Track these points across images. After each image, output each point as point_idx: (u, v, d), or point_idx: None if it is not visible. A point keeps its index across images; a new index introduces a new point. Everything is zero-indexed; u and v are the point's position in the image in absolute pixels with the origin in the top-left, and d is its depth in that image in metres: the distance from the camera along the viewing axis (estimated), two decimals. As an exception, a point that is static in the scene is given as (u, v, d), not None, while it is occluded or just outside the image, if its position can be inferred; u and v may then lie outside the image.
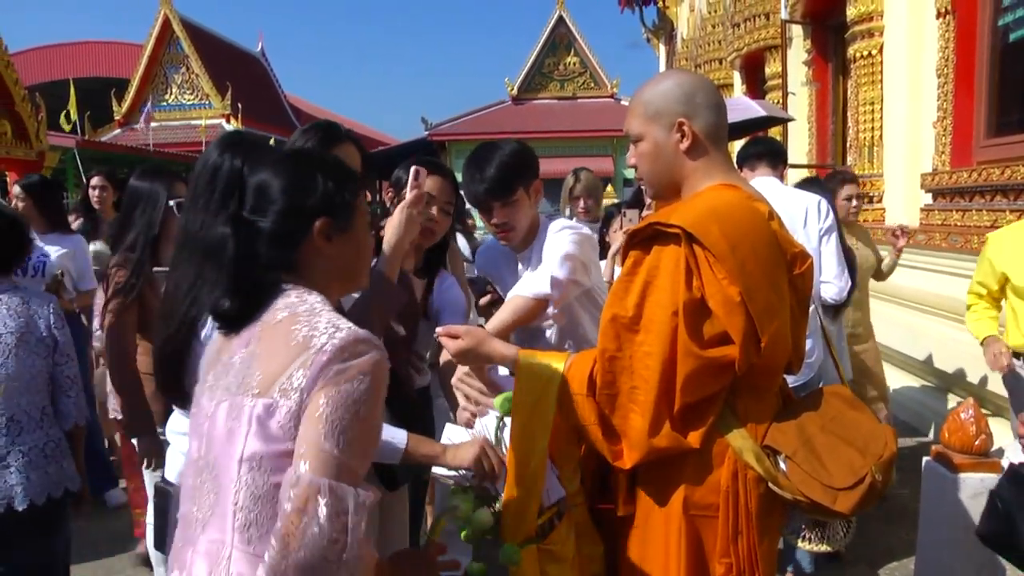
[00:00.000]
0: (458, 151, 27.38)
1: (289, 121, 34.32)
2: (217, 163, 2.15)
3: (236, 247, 1.57)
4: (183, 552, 1.54)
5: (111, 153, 19.65)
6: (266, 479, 1.43)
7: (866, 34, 7.66)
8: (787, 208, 3.69)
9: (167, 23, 29.85)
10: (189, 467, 1.59)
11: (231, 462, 1.46)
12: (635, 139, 2.05)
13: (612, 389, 1.89)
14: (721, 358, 1.82)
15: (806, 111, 9.93)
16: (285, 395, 1.42)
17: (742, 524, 1.89)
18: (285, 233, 1.59)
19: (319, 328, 1.47)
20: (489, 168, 2.63)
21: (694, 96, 1.99)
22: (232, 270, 1.58)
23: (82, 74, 27.09)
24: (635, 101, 2.05)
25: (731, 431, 1.90)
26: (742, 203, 1.94)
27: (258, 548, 1.41)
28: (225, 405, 1.50)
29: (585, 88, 30.08)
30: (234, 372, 1.52)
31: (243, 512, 1.43)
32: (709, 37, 13.24)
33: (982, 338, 3.92)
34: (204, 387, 1.60)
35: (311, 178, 1.63)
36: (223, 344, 1.61)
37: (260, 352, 1.49)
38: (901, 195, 7.28)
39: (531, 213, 2.75)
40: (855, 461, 1.88)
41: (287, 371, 1.43)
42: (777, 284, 1.91)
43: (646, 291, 1.86)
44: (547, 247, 2.66)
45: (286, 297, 1.55)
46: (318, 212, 1.60)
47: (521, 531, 2.03)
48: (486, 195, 2.66)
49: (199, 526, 1.50)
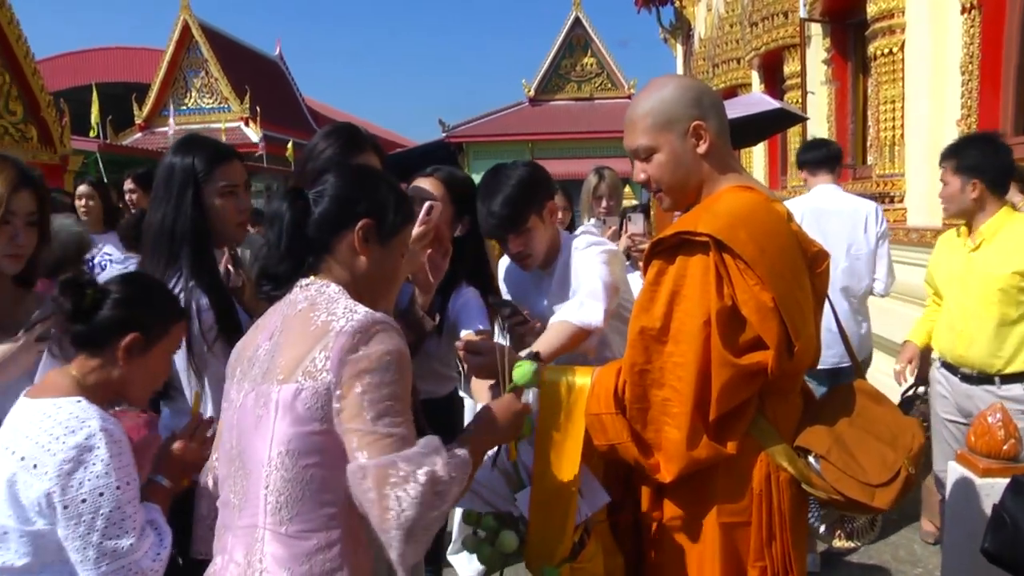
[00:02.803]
0: (476, 152, 27.38)
1: (307, 124, 34.42)
2: (172, 162, 2.35)
3: (292, 217, 1.70)
4: (224, 537, 1.64)
5: (132, 156, 19.81)
6: (295, 461, 1.52)
7: (887, 31, 7.58)
8: (848, 212, 4.40)
9: (187, 28, 30.02)
10: (223, 457, 1.68)
11: (262, 448, 1.54)
12: (644, 154, 2.00)
13: (643, 403, 1.87)
14: (754, 365, 1.81)
15: (825, 110, 9.84)
16: (310, 377, 1.52)
17: (776, 527, 1.88)
18: (333, 217, 1.70)
19: (337, 313, 1.57)
20: (497, 202, 2.58)
21: (701, 98, 1.98)
22: (285, 237, 1.71)
23: (104, 79, 27.29)
24: (635, 116, 2.00)
25: (762, 434, 1.89)
26: (763, 205, 1.94)
27: (290, 528, 1.52)
28: (252, 395, 1.60)
29: (602, 89, 29.99)
30: (261, 363, 1.62)
31: (275, 495, 1.52)
32: (727, 37, 13.14)
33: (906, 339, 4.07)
34: (232, 382, 1.70)
35: (375, 186, 1.78)
36: (248, 340, 1.73)
37: (283, 341, 1.60)
38: (923, 195, 7.19)
39: (548, 234, 2.70)
40: (887, 455, 1.88)
41: (310, 354, 1.53)
42: (804, 286, 1.92)
43: (674, 301, 1.84)
44: (579, 267, 2.61)
45: (306, 290, 1.66)
46: (367, 212, 1.72)
47: (556, 552, 1.99)
48: (498, 230, 2.62)
49: (236, 511, 1.60)
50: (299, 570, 1.51)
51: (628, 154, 2.08)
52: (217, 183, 2.35)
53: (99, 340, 1.78)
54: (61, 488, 1.61)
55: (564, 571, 2.01)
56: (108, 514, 1.62)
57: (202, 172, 2.33)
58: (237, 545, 1.58)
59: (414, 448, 1.48)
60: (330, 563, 1.53)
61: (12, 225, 2.22)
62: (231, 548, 1.60)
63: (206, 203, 2.33)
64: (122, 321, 1.79)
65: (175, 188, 2.32)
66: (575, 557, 2.02)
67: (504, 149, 26.20)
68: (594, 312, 2.42)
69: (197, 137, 2.47)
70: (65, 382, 1.76)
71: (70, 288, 1.78)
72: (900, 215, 7.58)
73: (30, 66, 10.64)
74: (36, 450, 1.63)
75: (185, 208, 2.30)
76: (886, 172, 7.68)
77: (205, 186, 2.33)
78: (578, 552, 2.03)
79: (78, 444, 1.62)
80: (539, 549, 2.02)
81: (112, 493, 1.63)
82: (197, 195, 2.32)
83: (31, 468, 1.63)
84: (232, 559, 1.58)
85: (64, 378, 1.77)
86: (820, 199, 4.49)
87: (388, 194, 1.77)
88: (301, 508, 1.52)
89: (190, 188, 2.31)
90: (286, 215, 1.71)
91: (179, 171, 2.33)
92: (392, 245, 1.77)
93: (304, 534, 1.53)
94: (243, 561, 1.55)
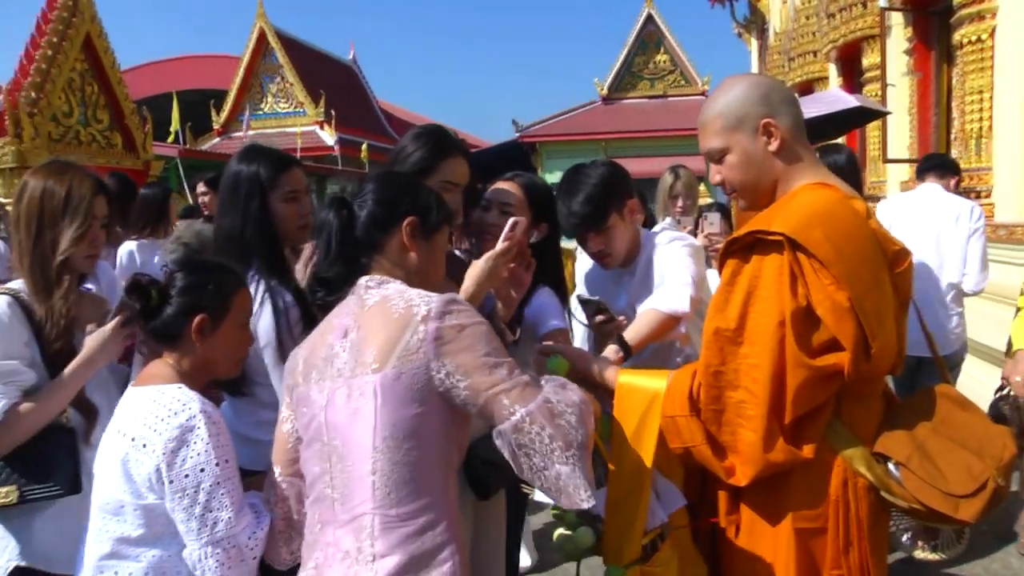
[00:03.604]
0: (549, 152, 27.36)
1: (381, 127, 34.91)
2: (238, 171, 2.47)
3: (339, 223, 1.81)
4: (324, 533, 1.68)
5: (210, 161, 20.35)
6: (400, 444, 1.59)
7: (975, 17, 7.31)
8: (942, 209, 4.47)
9: (263, 36, 30.70)
10: (312, 456, 1.72)
11: (364, 436, 1.60)
12: (718, 156, 1.99)
13: (718, 404, 1.85)
14: (830, 367, 1.76)
15: (906, 103, 9.56)
16: (405, 361, 1.59)
17: (853, 534, 1.84)
18: (380, 217, 1.82)
19: (414, 300, 1.66)
20: (578, 200, 2.61)
21: (770, 95, 1.95)
22: (335, 242, 1.81)
23: (183, 87, 28.09)
24: (706, 118, 2.00)
25: (840, 439, 1.85)
26: (841, 203, 1.89)
27: (399, 510, 1.58)
28: (342, 390, 1.65)
29: (676, 86, 29.63)
30: (342, 360, 1.68)
31: (383, 479, 1.58)
32: (803, 29, 12.86)
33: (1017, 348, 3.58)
34: (310, 385, 1.74)
35: (415, 188, 1.91)
36: (315, 343, 1.78)
37: (366, 334, 1.66)
38: (1012, 189, 6.93)
39: (629, 233, 2.72)
40: (973, 465, 1.81)
41: (401, 340, 1.61)
42: (883, 285, 1.86)
43: (748, 301, 1.82)
44: (664, 261, 2.62)
45: (369, 287, 1.74)
46: (410, 211, 1.83)
47: (626, 553, 2.01)
48: (578, 229, 2.65)
49: (336, 504, 1.65)
50: (411, 548, 1.57)
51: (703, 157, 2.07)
52: (282, 189, 2.48)
53: (173, 331, 1.95)
54: (167, 464, 1.77)
55: (634, 573, 2.02)
56: (209, 488, 1.77)
57: (267, 179, 2.45)
58: (343, 536, 1.63)
59: (550, 384, 1.65)
60: (440, 538, 1.61)
61: (92, 228, 2.42)
62: (336, 540, 1.64)
63: (271, 208, 2.45)
64: (187, 309, 1.95)
65: (242, 195, 2.45)
66: (647, 560, 2.03)
67: (577, 149, 26.13)
68: (681, 299, 2.44)
69: (260, 147, 2.60)
70: (165, 371, 1.94)
71: (136, 292, 1.94)
72: (987, 211, 7.32)
73: (116, 75, 11.00)
74: (145, 431, 1.80)
75: (253, 213, 2.42)
76: (972, 166, 7.42)
77: (271, 193, 2.45)
78: (650, 555, 2.04)
79: (181, 425, 1.79)
80: (612, 547, 2.05)
81: (212, 469, 1.78)
82: (263, 201, 2.44)
83: (141, 447, 1.80)
84: (339, 550, 1.62)
85: (164, 367, 1.95)
86: (920, 196, 4.66)
87: (427, 196, 1.91)
88: (409, 489, 1.59)
89: (257, 195, 2.43)
90: (333, 222, 1.82)
91: (245, 179, 2.45)
92: (435, 240, 1.90)
93: (413, 513, 1.60)
94: (353, 549, 1.60)
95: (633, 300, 2.73)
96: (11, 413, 2.17)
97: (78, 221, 2.37)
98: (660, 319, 2.41)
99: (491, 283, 2.20)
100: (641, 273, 2.72)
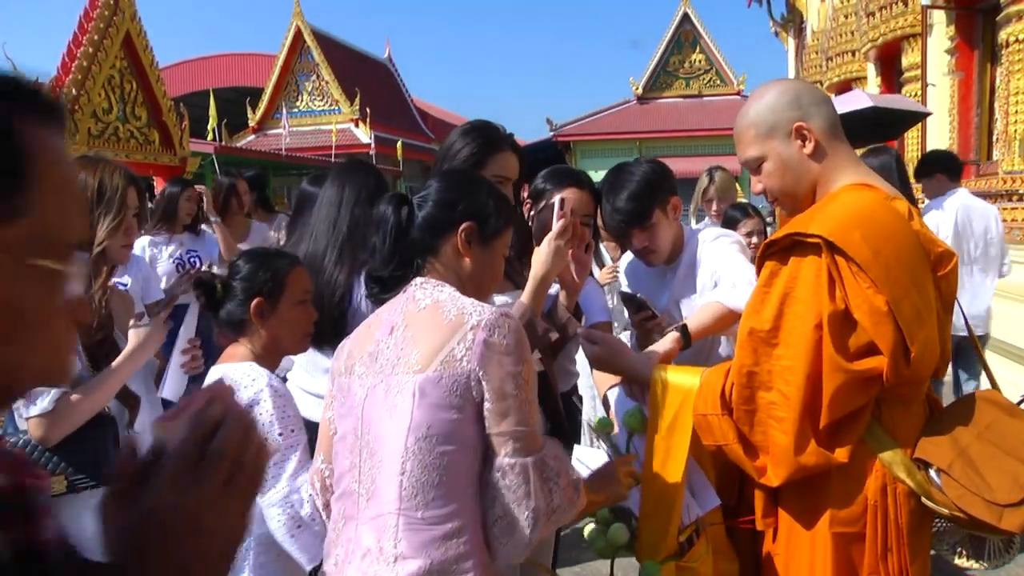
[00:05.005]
0: (583, 151, 27.35)
1: (416, 125, 35.06)
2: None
3: (397, 222, 1.80)
4: (346, 529, 1.68)
5: (246, 158, 20.54)
6: (433, 447, 1.57)
7: (1023, 15, 7.16)
8: (984, 208, 5.08)
9: (299, 34, 30.95)
10: (343, 449, 1.73)
11: (397, 435, 1.59)
12: (755, 165, 1.99)
13: (750, 405, 1.84)
14: (868, 371, 1.74)
15: (947, 103, 9.41)
16: (449, 366, 1.59)
17: (891, 541, 1.80)
18: (437, 220, 1.79)
19: (466, 308, 1.66)
20: (622, 198, 2.61)
21: (799, 98, 1.94)
22: (391, 241, 1.81)
23: (220, 85, 28.38)
24: (741, 129, 2.00)
25: (879, 444, 1.82)
26: (882, 204, 1.86)
27: (425, 514, 1.57)
28: (382, 386, 1.66)
29: (711, 86, 29.49)
30: (385, 356, 1.68)
31: (411, 480, 1.57)
32: (841, 28, 12.70)
33: None
34: (354, 376, 1.74)
35: (477, 190, 1.86)
36: (362, 337, 1.78)
37: (413, 335, 1.66)
38: (1056, 191, 6.79)
39: (672, 230, 2.71)
40: (1020, 473, 1.77)
41: (447, 346, 1.61)
42: (923, 288, 1.82)
43: (785, 303, 1.81)
44: (717, 257, 2.63)
45: (423, 289, 1.73)
46: (468, 215, 1.79)
47: (661, 549, 2.01)
48: (623, 225, 2.65)
49: (362, 500, 1.64)
50: (435, 554, 1.56)
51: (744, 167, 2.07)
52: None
53: (237, 318, 2.14)
54: None
55: (670, 569, 2.02)
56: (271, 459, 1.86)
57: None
58: (365, 533, 1.62)
59: (555, 449, 1.67)
60: (463, 546, 1.58)
61: (126, 218, 2.48)
62: (357, 536, 1.63)
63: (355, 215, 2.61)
64: (245, 295, 2.12)
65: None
66: (682, 556, 2.03)
67: (612, 148, 26.10)
68: (746, 297, 2.41)
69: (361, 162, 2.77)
70: (241, 351, 2.14)
71: (201, 287, 2.14)
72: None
73: (154, 73, 11.19)
74: None
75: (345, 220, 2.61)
76: (1014, 168, 7.27)
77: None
78: (686, 551, 2.04)
79: (250, 398, 1.96)
80: (647, 544, 2.04)
81: (276, 439, 1.94)
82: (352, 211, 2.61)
83: None
84: (359, 546, 1.62)
85: (239, 348, 2.15)
86: (965, 198, 5.11)
87: (488, 198, 1.85)
88: (437, 493, 1.58)
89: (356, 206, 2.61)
90: (391, 219, 1.81)
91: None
92: (494, 247, 1.85)
93: (439, 518, 1.58)
94: (375, 547, 1.59)
95: (676, 297, 2.74)
96: (63, 402, 2.19)
97: (113, 211, 2.42)
98: (723, 312, 2.40)
99: (559, 264, 2.20)
100: (684, 270, 2.72)
